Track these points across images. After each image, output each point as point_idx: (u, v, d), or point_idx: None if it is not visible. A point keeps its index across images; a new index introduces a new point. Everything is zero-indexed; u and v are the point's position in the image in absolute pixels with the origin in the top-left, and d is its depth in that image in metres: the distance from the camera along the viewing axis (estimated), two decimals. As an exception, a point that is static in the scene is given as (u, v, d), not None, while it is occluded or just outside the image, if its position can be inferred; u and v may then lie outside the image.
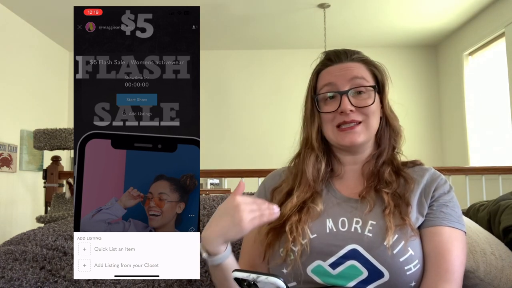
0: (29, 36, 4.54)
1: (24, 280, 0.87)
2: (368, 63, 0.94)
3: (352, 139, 0.89)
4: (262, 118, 5.44)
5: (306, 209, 0.88)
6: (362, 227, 0.84)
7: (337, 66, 0.93)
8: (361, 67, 0.93)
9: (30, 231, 1.03)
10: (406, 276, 0.80)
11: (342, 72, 0.91)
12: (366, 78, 0.91)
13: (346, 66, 0.92)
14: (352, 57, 0.93)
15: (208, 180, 4.65)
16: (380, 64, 0.97)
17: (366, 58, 0.95)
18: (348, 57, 0.93)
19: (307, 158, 0.93)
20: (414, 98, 5.36)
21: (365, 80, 0.91)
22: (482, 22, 4.39)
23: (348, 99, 0.88)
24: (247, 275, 0.61)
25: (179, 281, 1.07)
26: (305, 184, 0.91)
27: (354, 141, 0.89)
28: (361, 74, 0.91)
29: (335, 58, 0.93)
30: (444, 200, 0.88)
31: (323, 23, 4.34)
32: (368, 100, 0.90)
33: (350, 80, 0.90)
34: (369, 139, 0.92)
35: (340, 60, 0.93)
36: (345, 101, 0.88)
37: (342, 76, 0.90)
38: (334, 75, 0.91)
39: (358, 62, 0.93)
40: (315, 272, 0.82)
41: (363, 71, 0.92)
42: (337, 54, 0.94)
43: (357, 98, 0.90)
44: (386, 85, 0.95)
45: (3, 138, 4.10)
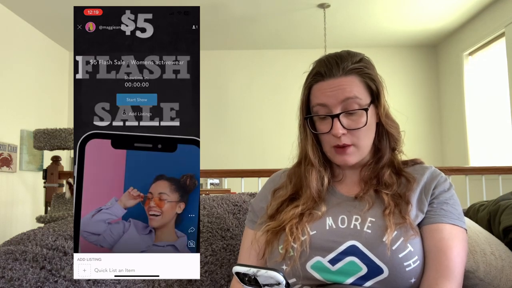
0: (29, 36, 4.54)
1: (24, 280, 0.87)
2: (362, 74, 0.90)
3: (345, 160, 0.90)
4: (262, 118, 5.44)
5: (308, 212, 0.88)
6: (361, 224, 0.84)
7: (328, 82, 0.89)
8: (355, 81, 0.89)
9: (30, 231, 1.03)
10: (406, 272, 0.80)
11: (334, 92, 0.88)
12: (359, 96, 0.88)
13: (338, 84, 0.88)
14: (346, 68, 0.88)
15: (208, 180, 4.65)
16: (373, 71, 0.92)
17: (360, 67, 0.90)
18: (340, 70, 0.88)
19: (309, 175, 0.93)
20: (414, 98, 5.36)
21: (358, 99, 0.88)
22: (482, 22, 4.39)
23: (339, 122, 0.87)
24: (247, 269, 0.63)
25: (179, 281, 1.07)
26: (309, 196, 0.91)
27: (347, 162, 0.90)
28: (353, 93, 0.87)
29: (327, 72, 0.89)
30: (445, 198, 0.89)
31: (323, 23, 4.34)
32: (361, 120, 0.88)
33: (342, 101, 0.87)
34: (362, 157, 0.92)
35: (331, 75, 0.89)
36: (337, 125, 0.87)
37: (333, 97, 0.88)
38: (325, 94, 0.88)
39: (351, 75, 0.89)
40: (314, 268, 0.83)
41: (357, 88, 0.88)
42: (329, 66, 0.89)
43: (350, 118, 0.88)
44: (381, 94, 0.92)
45: (3, 138, 4.10)
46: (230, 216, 1.21)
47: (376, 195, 0.89)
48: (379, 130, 0.94)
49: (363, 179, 0.93)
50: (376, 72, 0.93)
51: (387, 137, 0.94)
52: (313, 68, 0.94)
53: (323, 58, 0.93)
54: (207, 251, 1.13)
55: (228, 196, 1.28)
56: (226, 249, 1.15)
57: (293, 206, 0.90)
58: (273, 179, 1.03)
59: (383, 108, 0.92)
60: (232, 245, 1.16)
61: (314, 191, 0.91)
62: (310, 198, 0.90)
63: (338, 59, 0.90)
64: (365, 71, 0.90)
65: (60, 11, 4.16)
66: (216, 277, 1.11)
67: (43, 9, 4.16)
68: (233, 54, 5.52)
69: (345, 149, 0.89)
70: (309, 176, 0.93)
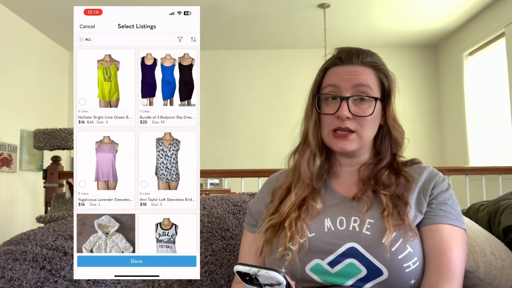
0: (29, 36, 4.54)
1: (24, 280, 0.87)
2: (378, 69, 0.92)
3: (344, 146, 0.89)
4: (262, 118, 5.44)
5: (305, 206, 0.88)
6: (360, 226, 0.84)
7: (345, 67, 0.90)
8: (370, 73, 0.90)
9: (30, 231, 1.03)
10: (405, 273, 0.80)
11: (348, 76, 0.89)
12: (371, 87, 0.89)
13: (354, 70, 0.90)
14: (364, 60, 0.91)
15: (208, 180, 4.65)
16: (392, 73, 0.94)
17: (378, 63, 0.92)
18: (359, 60, 0.91)
19: (303, 155, 0.93)
20: (414, 98, 5.36)
21: (370, 89, 0.89)
22: (482, 22, 4.39)
23: (347, 105, 0.87)
24: (248, 268, 0.63)
25: (179, 281, 1.07)
26: (302, 181, 0.91)
27: (346, 148, 0.89)
28: (367, 81, 0.89)
29: (346, 59, 0.91)
30: (443, 198, 0.88)
31: (323, 23, 4.34)
32: (368, 109, 0.89)
33: (354, 86, 0.88)
34: (362, 148, 0.92)
35: (350, 61, 0.91)
36: (344, 107, 0.87)
37: (347, 80, 0.89)
38: (340, 77, 0.90)
39: (368, 67, 0.91)
40: (313, 271, 0.82)
41: (371, 79, 0.90)
42: (349, 54, 0.91)
43: (357, 106, 0.89)
44: (392, 95, 0.92)
45: (3, 138, 4.10)
46: (230, 216, 1.21)
47: (374, 195, 0.88)
48: (383, 132, 0.94)
49: (361, 179, 0.93)
50: (392, 75, 0.94)
51: (390, 140, 0.94)
52: (334, 54, 0.95)
53: (345, 47, 0.95)
54: (207, 251, 1.13)
55: (228, 196, 1.28)
56: (226, 249, 1.15)
57: (292, 194, 0.90)
58: (270, 181, 1.02)
59: (391, 109, 0.92)
60: (232, 245, 1.16)
61: (304, 171, 0.91)
62: (302, 182, 0.91)
63: (360, 51, 0.93)
64: (381, 67, 0.93)
65: (60, 11, 4.16)
66: (216, 277, 1.11)
67: (43, 9, 4.16)
68: (233, 54, 5.51)
69: (347, 135, 0.88)
70: (302, 156, 0.93)
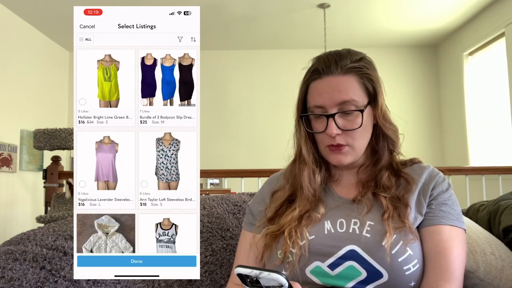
0: (29, 36, 4.54)
1: (24, 280, 0.87)
2: (361, 73, 0.88)
3: (339, 160, 0.89)
4: (262, 118, 5.44)
5: (307, 215, 0.87)
6: (360, 228, 0.83)
7: (326, 80, 0.87)
8: (352, 81, 0.87)
9: (30, 231, 1.03)
10: (405, 276, 0.80)
11: (331, 92, 0.87)
12: (355, 98, 0.86)
13: (335, 84, 0.87)
14: (344, 67, 0.87)
15: (208, 180, 4.65)
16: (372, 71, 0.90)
17: (359, 66, 0.88)
18: (338, 68, 0.87)
19: (302, 174, 0.92)
20: (414, 98, 5.36)
21: (355, 101, 0.86)
22: (482, 22, 4.39)
23: (334, 122, 0.86)
24: (249, 271, 0.62)
25: (179, 281, 1.07)
26: (306, 197, 0.90)
27: (341, 162, 0.89)
28: (349, 96, 0.86)
29: (324, 69, 0.88)
30: (443, 198, 0.88)
31: (323, 23, 4.34)
32: (356, 120, 0.87)
33: (338, 104, 0.86)
34: (357, 158, 0.91)
35: (329, 71, 0.87)
36: (332, 125, 0.86)
37: (329, 99, 0.86)
38: (322, 96, 0.87)
39: (349, 74, 0.87)
40: (314, 273, 0.82)
41: (353, 89, 0.87)
42: (327, 64, 0.88)
43: (345, 118, 0.87)
44: (379, 95, 0.90)
45: (3, 138, 4.10)
46: (230, 216, 1.21)
47: (374, 198, 0.88)
48: (376, 132, 0.93)
49: (360, 181, 0.92)
50: (376, 73, 0.92)
51: (385, 139, 0.93)
52: (312, 65, 0.93)
53: (322, 55, 0.92)
54: (207, 251, 1.13)
55: (228, 196, 1.28)
56: (226, 249, 1.15)
57: (292, 209, 0.89)
58: (270, 181, 1.02)
59: (380, 109, 0.90)
60: (232, 245, 1.16)
61: (307, 190, 0.90)
62: (306, 199, 0.90)
63: (337, 57, 0.89)
64: (364, 71, 0.89)
65: (60, 11, 4.16)
66: (216, 277, 1.11)
67: (43, 9, 4.15)
68: (233, 54, 5.51)
69: (340, 148, 0.88)
70: (301, 175, 0.92)
